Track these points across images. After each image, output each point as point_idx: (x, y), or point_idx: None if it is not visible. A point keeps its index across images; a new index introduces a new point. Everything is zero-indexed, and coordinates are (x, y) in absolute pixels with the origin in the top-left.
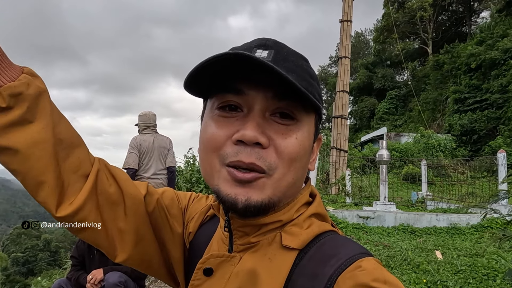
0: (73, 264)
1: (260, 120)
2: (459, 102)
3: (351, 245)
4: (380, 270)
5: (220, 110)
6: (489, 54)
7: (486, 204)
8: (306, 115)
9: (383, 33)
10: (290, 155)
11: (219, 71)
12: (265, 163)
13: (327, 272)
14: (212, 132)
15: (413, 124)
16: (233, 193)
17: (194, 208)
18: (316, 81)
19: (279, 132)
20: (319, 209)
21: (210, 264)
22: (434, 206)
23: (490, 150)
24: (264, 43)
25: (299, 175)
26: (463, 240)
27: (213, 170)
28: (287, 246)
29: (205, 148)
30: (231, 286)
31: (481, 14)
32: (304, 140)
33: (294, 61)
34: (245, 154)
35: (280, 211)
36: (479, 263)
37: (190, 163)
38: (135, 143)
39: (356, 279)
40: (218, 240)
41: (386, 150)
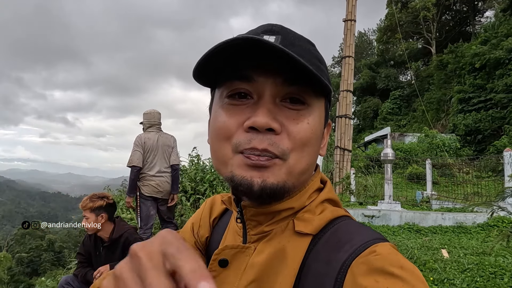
0: (80, 261)
1: (271, 106)
2: (463, 102)
3: (366, 231)
4: (395, 255)
5: (230, 98)
6: (494, 54)
7: (493, 203)
8: (317, 99)
9: (386, 33)
10: (302, 140)
11: (227, 58)
12: (278, 149)
13: (341, 258)
14: (223, 120)
15: (417, 124)
16: (248, 176)
17: (196, 220)
18: (324, 65)
19: (290, 118)
20: (331, 195)
21: (225, 255)
22: (439, 206)
23: (495, 150)
24: (270, 29)
25: (311, 160)
26: (469, 239)
27: (226, 157)
28: (300, 232)
29: (216, 137)
30: (247, 277)
31: (485, 13)
32: (315, 125)
33: (302, 45)
34: (258, 140)
35: (292, 198)
36: (486, 262)
37: (195, 162)
38: (139, 141)
39: (370, 264)
40: (233, 232)
41: (391, 149)
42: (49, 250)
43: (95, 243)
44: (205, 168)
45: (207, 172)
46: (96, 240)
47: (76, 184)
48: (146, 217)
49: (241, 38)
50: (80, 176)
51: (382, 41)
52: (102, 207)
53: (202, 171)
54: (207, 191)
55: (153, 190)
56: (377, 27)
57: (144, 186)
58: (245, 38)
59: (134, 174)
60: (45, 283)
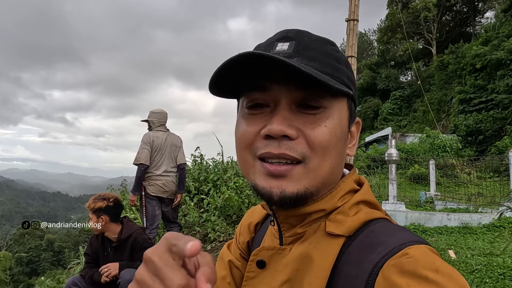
0: (87, 261)
1: (286, 113)
2: (464, 103)
3: (402, 233)
4: (430, 257)
5: (249, 108)
6: (495, 54)
7: (503, 203)
8: (335, 100)
9: (387, 33)
10: (322, 144)
11: (242, 70)
12: (296, 152)
13: (373, 259)
14: (242, 129)
15: (418, 125)
16: (268, 186)
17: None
18: (344, 64)
19: (307, 123)
20: (367, 197)
21: (262, 257)
22: (443, 206)
23: (497, 151)
24: (285, 35)
25: (335, 163)
26: (475, 239)
27: (248, 165)
28: (331, 233)
29: (238, 146)
30: (281, 277)
31: (486, 14)
32: (334, 127)
33: (318, 47)
34: (274, 146)
35: (322, 200)
36: (495, 263)
37: (198, 162)
38: (148, 139)
39: (402, 266)
40: (270, 235)
41: (395, 149)
42: (48, 250)
43: (102, 244)
44: (209, 168)
45: (211, 172)
46: (103, 241)
47: (76, 184)
48: (152, 217)
49: (244, 55)
50: (80, 176)
51: (382, 42)
52: (101, 209)
53: (206, 171)
54: (211, 191)
55: (159, 190)
56: (377, 28)
57: (150, 186)
58: (248, 54)
59: (141, 172)
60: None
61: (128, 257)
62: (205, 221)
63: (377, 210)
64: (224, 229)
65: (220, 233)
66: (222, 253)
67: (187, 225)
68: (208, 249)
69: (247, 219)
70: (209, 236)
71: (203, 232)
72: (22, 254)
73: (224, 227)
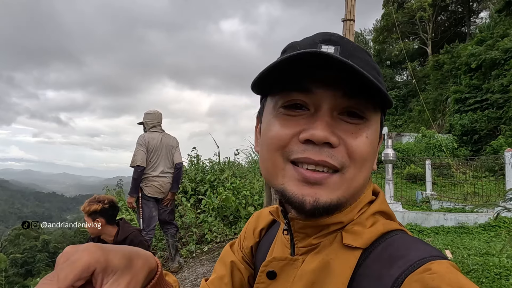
0: None
1: (329, 119)
2: (460, 102)
3: (423, 246)
4: (454, 274)
5: (285, 108)
6: (490, 54)
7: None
8: (375, 113)
9: (382, 33)
10: (362, 155)
11: (284, 69)
12: (337, 161)
13: (394, 274)
14: (276, 130)
15: (413, 124)
16: (300, 194)
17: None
18: (382, 77)
19: (348, 132)
20: (383, 207)
21: (273, 267)
22: (439, 206)
23: (492, 150)
24: (328, 38)
25: (367, 176)
26: (472, 239)
27: (277, 168)
28: (348, 245)
29: (268, 147)
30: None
31: (480, 14)
32: (373, 139)
33: (361, 57)
34: (314, 152)
35: (342, 212)
36: (491, 262)
37: (194, 162)
38: (143, 141)
39: (425, 283)
40: (280, 244)
41: (391, 149)
42: (43, 251)
43: None
44: (205, 169)
45: (208, 172)
46: (100, 242)
47: (71, 184)
48: (148, 219)
49: (306, 53)
50: (75, 176)
51: (378, 41)
52: (97, 211)
53: (202, 171)
54: (208, 192)
55: (156, 191)
56: (373, 27)
57: (146, 187)
58: (311, 53)
59: (138, 174)
60: None
61: None
62: (202, 222)
63: (392, 221)
64: (221, 230)
65: (217, 234)
66: (224, 253)
67: (184, 226)
68: (205, 250)
69: (253, 224)
70: (206, 237)
71: (200, 233)
72: (17, 255)
73: (221, 228)
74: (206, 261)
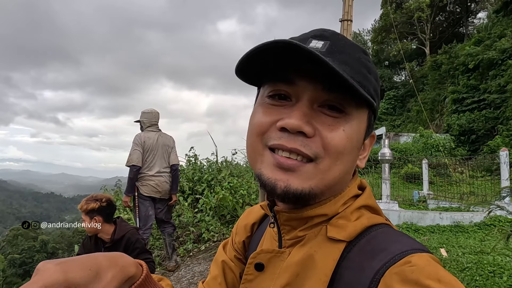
0: None
1: (307, 110)
2: (457, 102)
3: (405, 240)
4: (433, 266)
5: (270, 98)
6: (487, 54)
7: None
8: (358, 109)
9: (381, 33)
10: (336, 148)
11: (271, 60)
12: (310, 150)
13: (375, 266)
14: (259, 118)
15: (411, 124)
16: (273, 178)
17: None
18: (373, 76)
19: (325, 124)
20: (369, 201)
21: (261, 259)
22: (436, 205)
23: (489, 150)
24: (320, 34)
25: (346, 169)
26: (467, 238)
27: (257, 153)
28: (332, 238)
29: (251, 133)
30: (280, 281)
31: (478, 14)
32: (352, 134)
33: (351, 53)
34: (288, 140)
35: (325, 204)
36: (485, 261)
37: (192, 162)
38: (139, 140)
39: (404, 275)
40: (269, 237)
41: (388, 149)
42: (42, 251)
43: (95, 245)
44: (203, 168)
45: (205, 172)
46: (96, 242)
47: (70, 184)
48: (145, 218)
49: (282, 42)
50: (73, 176)
51: (376, 42)
52: (94, 210)
53: (200, 171)
54: (205, 191)
55: (152, 190)
56: (371, 28)
57: (143, 186)
58: (286, 42)
59: (133, 173)
60: None
61: None
62: (199, 221)
63: (378, 215)
64: (218, 229)
65: (214, 233)
66: (217, 253)
67: (181, 225)
68: (202, 249)
69: (244, 220)
70: (203, 236)
71: (197, 232)
72: (15, 256)
73: (218, 227)
74: (203, 260)
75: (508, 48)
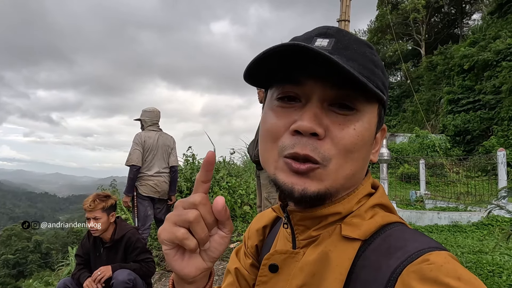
0: (78, 263)
1: (317, 110)
2: (453, 103)
3: (421, 238)
4: (452, 264)
5: (279, 100)
6: (482, 56)
7: (490, 202)
8: (368, 104)
9: (377, 34)
10: (346, 146)
11: (277, 62)
12: (319, 154)
13: (392, 264)
14: (271, 122)
15: (407, 125)
16: (289, 182)
17: (246, 234)
18: (380, 69)
19: (336, 123)
20: (383, 200)
21: (275, 261)
22: (433, 205)
23: (484, 150)
24: (324, 32)
25: (358, 167)
26: (465, 237)
27: (271, 159)
28: (347, 236)
29: (264, 138)
30: (296, 282)
31: (473, 16)
32: (363, 131)
33: (357, 49)
34: (301, 145)
35: (339, 203)
36: (484, 260)
37: (190, 162)
38: (139, 140)
39: (422, 273)
40: (283, 238)
41: (386, 149)
42: (35, 251)
43: (94, 244)
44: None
45: None
46: (95, 241)
47: (64, 184)
48: (143, 218)
49: (289, 45)
50: (68, 176)
51: (372, 42)
52: (113, 205)
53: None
54: None
55: (151, 190)
56: (367, 28)
57: (141, 186)
58: (292, 45)
59: (133, 173)
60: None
61: (121, 257)
62: None
63: (392, 213)
64: None
65: None
66: (230, 260)
67: None
68: None
69: (255, 224)
70: None
71: None
72: (9, 256)
73: None
74: None
75: (502, 49)
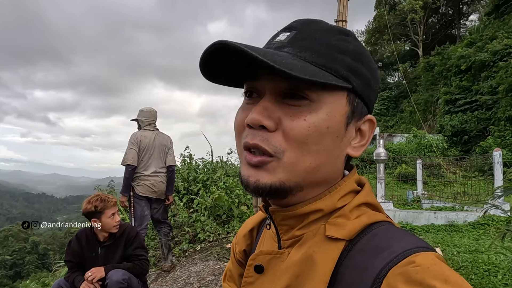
0: (70, 268)
1: (269, 103)
2: (450, 103)
3: (408, 238)
4: (439, 266)
5: (246, 96)
6: (479, 56)
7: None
8: (327, 93)
9: (374, 34)
10: (297, 138)
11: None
12: (269, 146)
13: (378, 265)
14: (236, 118)
15: (405, 125)
16: (246, 175)
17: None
18: (350, 55)
19: (288, 114)
20: (369, 199)
21: (260, 261)
22: (430, 205)
23: (481, 150)
24: (289, 25)
25: (322, 160)
26: (461, 237)
27: (239, 154)
28: (330, 237)
29: (235, 134)
30: (281, 283)
31: (470, 17)
32: (318, 122)
33: (319, 38)
34: (251, 135)
35: (320, 200)
36: (480, 259)
37: (187, 162)
38: (135, 139)
39: (408, 275)
40: (269, 238)
41: (383, 149)
42: (33, 252)
43: (88, 244)
44: (198, 168)
45: (200, 171)
46: (90, 242)
47: (62, 184)
48: (140, 218)
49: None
50: (65, 177)
51: (370, 43)
52: (116, 205)
53: (195, 170)
54: (201, 191)
55: (148, 190)
56: (365, 29)
57: (138, 186)
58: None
59: (129, 173)
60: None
61: (121, 254)
62: (194, 221)
63: (379, 212)
64: (213, 229)
65: (210, 233)
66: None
67: (176, 225)
68: (198, 249)
69: (242, 230)
70: (199, 236)
71: (192, 232)
72: (6, 257)
73: (213, 227)
74: (199, 260)
75: (499, 50)
